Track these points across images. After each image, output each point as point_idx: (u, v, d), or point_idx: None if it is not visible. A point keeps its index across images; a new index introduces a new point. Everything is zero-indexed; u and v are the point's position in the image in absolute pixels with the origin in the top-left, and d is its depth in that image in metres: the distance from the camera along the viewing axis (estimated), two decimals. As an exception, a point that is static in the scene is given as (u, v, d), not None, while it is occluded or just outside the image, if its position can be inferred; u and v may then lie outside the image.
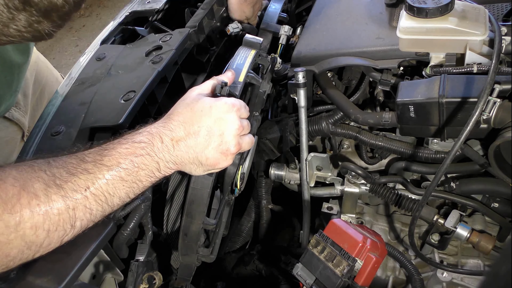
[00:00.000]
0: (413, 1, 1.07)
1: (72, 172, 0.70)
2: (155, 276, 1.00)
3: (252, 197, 1.65)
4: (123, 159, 0.75)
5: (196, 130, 0.82)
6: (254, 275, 1.39)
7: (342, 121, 1.32)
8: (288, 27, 1.42)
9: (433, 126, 1.08)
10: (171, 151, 0.80)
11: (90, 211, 0.72)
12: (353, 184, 1.29)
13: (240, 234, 1.62)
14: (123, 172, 0.74)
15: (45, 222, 0.68)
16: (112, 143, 0.77)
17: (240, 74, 0.97)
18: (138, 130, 0.81)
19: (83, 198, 0.71)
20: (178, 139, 0.81)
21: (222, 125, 0.83)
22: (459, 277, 1.19)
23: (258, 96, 1.04)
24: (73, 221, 0.71)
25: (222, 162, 0.85)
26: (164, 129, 0.81)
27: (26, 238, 0.67)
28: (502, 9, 1.20)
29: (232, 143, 0.85)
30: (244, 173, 1.08)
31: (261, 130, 1.46)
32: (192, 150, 0.82)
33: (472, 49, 1.06)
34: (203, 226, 0.95)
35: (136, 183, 0.77)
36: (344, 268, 0.99)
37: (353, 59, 1.23)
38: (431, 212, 1.20)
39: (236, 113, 0.85)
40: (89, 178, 0.71)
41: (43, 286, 0.76)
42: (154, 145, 0.78)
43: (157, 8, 1.44)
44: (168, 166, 0.81)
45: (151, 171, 0.78)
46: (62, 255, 0.80)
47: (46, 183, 0.68)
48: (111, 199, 0.74)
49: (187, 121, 0.82)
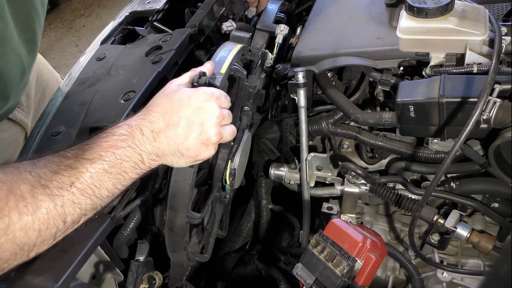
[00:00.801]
0: (413, 1, 1.07)
1: (55, 170, 0.71)
2: (155, 276, 1.01)
3: (252, 197, 1.65)
4: (104, 152, 0.75)
5: (175, 121, 0.81)
6: (254, 275, 1.39)
7: (342, 121, 1.32)
8: (284, 26, 1.41)
9: (433, 126, 1.08)
10: (152, 142, 0.80)
11: (79, 206, 0.73)
12: (353, 184, 1.29)
13: (240, 234, 1.62)
14: (106, 164, 0.74)
15: (34, 222, 0.68)
16: (93, 138, 0.77)
17: (222, 65, 0.96)
18: (118, 124, 0.80)
19: (69, 194, 0.71)
20: (158, 130, 0.80)
21: (201, 115, 0.82)
22: (459, 277, 1.19)
23: (244, 88, 1.03)
24: (63, 217, 0.71)
25: (204, 153, 0.84)
26: (144, 121, 0.80)
27: (17, 240, 0.68)
28: (502, 9, 1.20)
29: (213, 132, 0.84)
30: (235, 169, 1.07)
31: (261, 130, 1.46)
32: (173, 141, 0.81)
33: (472, 49, 1.06)
34: (188, 220, 0.94)
35: (121, 175, 0.77)
36: (344, 268, 0.99)
37: (353, 59, 1.23)
38: (431, 212, 1.20)
39: (215, 102, 0.84)
40: (73, 174, 0.72)
41: (41, 284, 0.76)
42: (135, 137, 0.78)
43: (157, 8, 1.44)
44: (151, 158, 0.80)
45: (135, 163, 0.78)
46: (60, 253, 0.80)
47: (32, 184, 0.68)
48: (98, 192, 0.74)
49: (166, 112, 0.81)
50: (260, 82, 1.18)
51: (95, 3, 5.12)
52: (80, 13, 5.02)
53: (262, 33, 1.38)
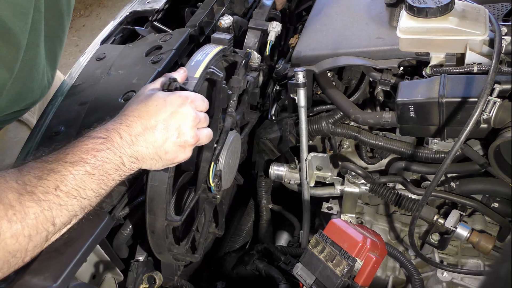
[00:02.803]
0: (413, 1, 1.07)
1: (39, 176, 0.72)
2: (155, 276, 1.01)
3: (252, 197, 1.65)
4: (85, 155, 0.76)
5: (153, 125, 0.82)
6: (254, 275, 1.39)
7: (342, 121, 1.32)
8: (276, 23, 1.39)
9: (433, 126, 1.08)
10: (131, 146, 0.80)
11: (66, 207, 0.74)
12: (353, 184, 1.29)
13: (240, 234, 1.62)
14: (88, 167, 0.75)
15: (24, 228, 0.70)
16: (73, 142, 0.78)
17: (197, 70, 0.96)
18: (96, 128, 0.81)
19: (55, 197, 0.72)
20: (136, 134, 0.81)
21: (178, 118, 0.83)
22: (459, 277, 1.19)
23: (223, 91, 1.03)
24: (52, 220, 0.73)
25: (181, 155, 0.86)
26: (121, 125, 0.81)
27: (8, 248, 0.69)
28: (502, 9, 1.20)
29: (190, 135, 0.85)
30: (220, 170, 1.07)
31: (261, 130, 1.46)
32: (151, 145, 0.82)
33: (472, 49, 1.06)
34: (168, 223, 0.94)
35: (104, 176, 0.78)
36: (344, 268, 0.99)
37: (353, 59, 1.23)
38: (431, 212, 1.20)
39: (190, 105, 0.85)
40: (57, 178, 0.73)
41: (40, 284, 0.76)
42: (114, 141, 0.79)
43: (157, 8, 1.44)
44: (131, 160, 0.81)
45: (117, 165, 0.79)
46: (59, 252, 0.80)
47: (19, 191, 0.70)
48: (84, 192, 0.76)
49: (143, 116, 0.82)
50: (244, 82, 1.17)
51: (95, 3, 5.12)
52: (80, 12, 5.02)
53: (255, 32, 1.38)
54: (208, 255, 1.57)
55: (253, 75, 1.28)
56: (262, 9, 1.45)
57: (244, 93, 1.26)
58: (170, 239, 0.99)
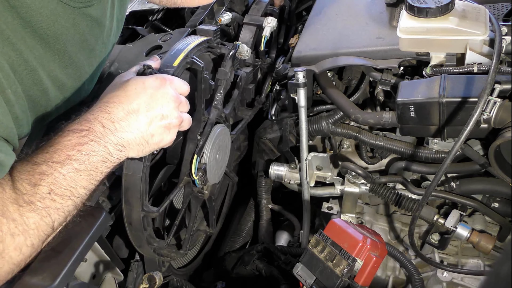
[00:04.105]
0: (414, 1, 1.07)
1: (33, 182, 0.71)
2: (155, 276, 1.00)
3: (252, 197, 1.64)
4: (71, 151, 0.74)
5: (135, 108, 0.80)
6: (254, 275, 1.39)
7: (342, 121, 1.32)
8: (271, 18, 1.37)
9: (433, 126, 1.08)
10: (115, 133, 0.78)
11: (62, 210, 0.74)
12: (353, 184, 1.29)
13: (240, 234, 1.62)
14: (75, 164, 0.74)
15: (26, 239, 0.70)
16: (54, 138, 0.76)
17: (176, 59, 0.95)
18: (75, 120, 0.79)
19: (51, 202, 0.72)
20: (119, 119, 0.79)
21: (159, 99, 0.82)
22: (459, 277, 1.19)
23: (204, 81, 1.02)
24: (51, 225, 0.73)
25: (166, 137, 0.84)
26: (102, 113, 0.79)
27: (13, 261, 0.69)
28: (502, 9, 1.20)
29: (174, 115, 0.84)
30: (205, 163, 1.06)
31: (261, 130, 1.46)
32: (136, 130, 0.80)
33: (473, 49, 1.06)
34: (145, 214, 0.93)
35: (93, 171, 0.76)
36: (344, 267, 0.99)
37: (353, 59, 1.23)
38: (431, 212, 1.20)
39: (170, 86, 0.84)
40: (49, 181, 0.72)
41: (38, 284, 0.76)
42: (96, 130, 0.77)
43: (157, 8, 1.44)
44: (118, 148, 0.79)
45: (103, 157, 0.77)
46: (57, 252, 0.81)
47: (18, 202, 0.69)
48: (76, 191, 0.75)
49: (123, 101, 0.80)
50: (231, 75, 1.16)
51: (95, 3, 5.10)
52: (80, 12, 5.01)
53: (250, 27, 1.37)
54: (208, 255, 1.57)
55: (245, 70, 1.27)
56: (259, 5, 1.43)
57: (236, 88, 1.25)
58: (148, 231, 0.97)
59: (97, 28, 0.92)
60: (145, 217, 0.94)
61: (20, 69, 0.77)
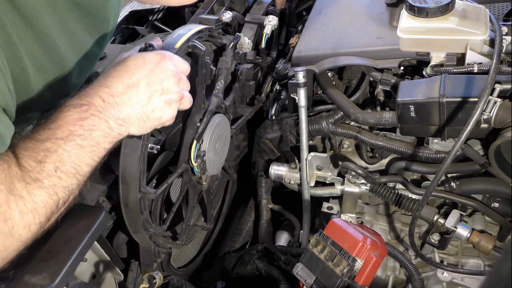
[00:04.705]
0: (414, 1, 1.07)
1: (38, 159, 0.70)
2: (155, 275, 1.00)
3: (252, 197, 1.64)
4: (73, 126, 0.73)
5: (135, 82, 0.80)
6: (254, 275, 1.39)
7: (342, 120, 1.32)
8: (272, 17, 1.39)
9: (433, 126, 1.08)
10: (115, 107, 0.78)
11: (68, 188, 0.73)
12: (353, 184, 1.29)
13: (240, 233, 1.62)
14: (78, 139, 0.73)
15: (35, 217, 0.69)
16: (55, 114, 0.75)
17: (177, 41, 0.95)
18: (75, 96, 0.78)
19: (58, 180, 0.71)
20: (119, 93, 0.78)
21: (159, 74, 0.82)
22: (459, 277, 1.19)
23: (205, 66, 1.02)
24: (57, 203, 0.72)
25: (167, 113, 0.84)
26: (101, 88, 0.78)
27: (21, 238, 0.69)
28: (503, 9, 1.20)
29: (174, 90, 0.83)
30: (204, 151, 1.05)
31: (261, 130, 1.46)
32: (137, 104, 0.79)
33: (473, 49, 1.06)
34: (142, 196, 0.91)
35: (95, 146, 0.76)
36: (344, 267, 0.99)
37: (354, 59, 1.23)
38: (431, 212, 1.20)
39: (170, 61, 0.84)
40: (54, 158, 0.71)
41: (38, 284, 0.76)
42: (96, 105, 0.76)
43: (157, 8, 1.44)
44: (119, 123, 0.78)
45: (104, 131, 0.76)
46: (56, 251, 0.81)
47: (25, 180, 0.69)
48: (80, 169, 0.74)
49: (123, 76, 0.80)
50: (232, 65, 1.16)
51: (95, 3, 5.11)
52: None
53: (251, 25, 1.37)
54: (208, 255, 1.57)
55: (246, 66, 1.27)
56: (260, 4, 1.45)
57: (236, 81, 1.26)
58: (145, 215, 0.95)
59: (77, 11, 0.90)
60: (142, 198, 0.92)
61: (1, 41, 0.75)
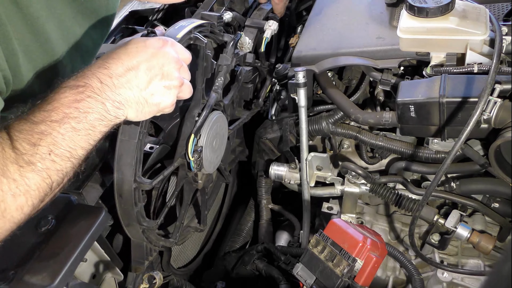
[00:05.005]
0: (414, 1, 1.07)
1: (32, 142, 0.70)
2: (155, 276, 1.00)
3: (252, 197, 1.64)
4: (67, 109, 0.72)
5: (135, 65, 0.79)
6: (254, 275, 1.39)
7: (342, 120, 1.32)
8: (273, 22, 1.40)
9: (433, 126, 1.08)
10: (113, 89, 0.76)
11: (62, 171, 0.73)
12: (353, 184, 1.29)
13: (240, 234, 1.62)
14: (73, 122, 0.72)
15: (27, 200, 0.69)
16: (51, 96, 0.74)
17: (179, 32, 0.94)
18: (72, 77, 0.77)
19: (51, 163, 0.71)
20: (117, 75, 0.77)
21: (160, 58, 0.81)
22: (459, 277, 1.19)
23: (206, 59, 1.02)
24: (50, 185, 0.72)
25: (166, 98, 0.83)
26: (99, 69, 0.77)
27: (14, 220, 0.69)
28: (503, 9, 1.20)
29: (174, 75, 0.83)
30: (201, 146, 1.04)
31: (261, 130, 1.46)
32: (135, 86, 0.79)
33: (473, 49, 1.06)
34: (137, 186, 0.90)
35: (91, 130, 0.75)
36: (344, 268, 0.99)
37: (354, 59, 1.23)
38: (431, 212, 1.20)
39: (171, 47, 0.84)
40: (48, 141, 0.71)
41: (38, 284, 0.76)
42: (93, 86, 0.75)
43: (157, 8, 1.44)
44: (115, 105, 0.77)
45: (100, 114, 0.75)
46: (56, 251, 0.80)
47: (18, 162, 0.69)
48: (75, 152, 0.74)
49: (123, 58, 0.79)
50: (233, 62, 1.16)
51: (95, 3, 5.11)
52: (80, 12, 5.01)
53: (251, 30, 1.38)
54: (208, 255, 1.57)
55: (246, 68, 1.28)
56: (260, 11, 1.46)
57: (235, 81, 1.26)
58: (139, 207, 0.94)
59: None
60: (137, 189, 0.91)
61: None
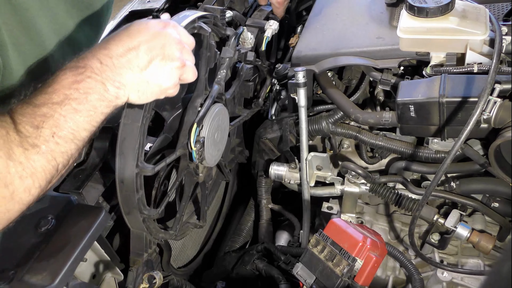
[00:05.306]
0: (414, 1, 1.07)
1: (35, 124, 0.70)
2: (155, 275, 1.00)
3: (252, 197, 1.64)
4: (68, 90, 0.72)
5: (135, 45, 0.78)
6: (254, 275, 1.39)
7: (342, 120, 1.32)
8: (273, 22, 1.40)
9: (433, 126, 1.08)
10: (112, 69, 0.76)
11: (66, 153, 0.73)
12: (353, 184, 1.29)
13: (240, 233, 1.62)
14: (73, 103, 0.72)
15: (34, 182, 0.70)
16: (53, 78, 0.74)
17: (183, 21, 0.94)
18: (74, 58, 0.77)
19: (56, 145, 0.71)
20: (118, 55, 0.76)
21: (161, 39, 0.81)
22: (459, 277, 1.19)
23: (210, 48, 1.02)
24: (56, 167, 0.72)
25: (168, 79, 0.82)
26: (100, 50, 0.76)
27: (23, 201, 0.70)
28: (503, 9, 1.20)
29: (176, 56, 0.82)
30: (204, 137, 1.04)
31: (261, 130, 1.46)
32: (136, 66, 0.78)
33: (473, 49, 1.06)
34: (139, 172, 0.89)
35: (92, 111, 0.74)
36: (344, 267, 0.99)
37: (354, 59, 1.23)
38: (431, 212, 1.20)
39: (173, 29, 0.83)
40: (51, 124, 0.71)
41: (38, 284, 0.76)
42: (93, 67, 0.75)
43: (157, 8, 1.44)
44: (116, 85, 0.76)
45: (101, 94, 0.75)
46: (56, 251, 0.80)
47: (22, 145, 0.69)
48: (78, 134, 0.74)
49: (123, 39, 0.78)
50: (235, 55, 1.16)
51: (94, 3, 5.11)
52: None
53: (252, 29, 1.38)
54: (208, 255, 1.57)
55: (247, 66, 1.28)
56: (261, 12, 1.47)
57: (237, 77, 1.26)
58: (140, 194, 0.93)
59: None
60: (139, 175, 0.90)
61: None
